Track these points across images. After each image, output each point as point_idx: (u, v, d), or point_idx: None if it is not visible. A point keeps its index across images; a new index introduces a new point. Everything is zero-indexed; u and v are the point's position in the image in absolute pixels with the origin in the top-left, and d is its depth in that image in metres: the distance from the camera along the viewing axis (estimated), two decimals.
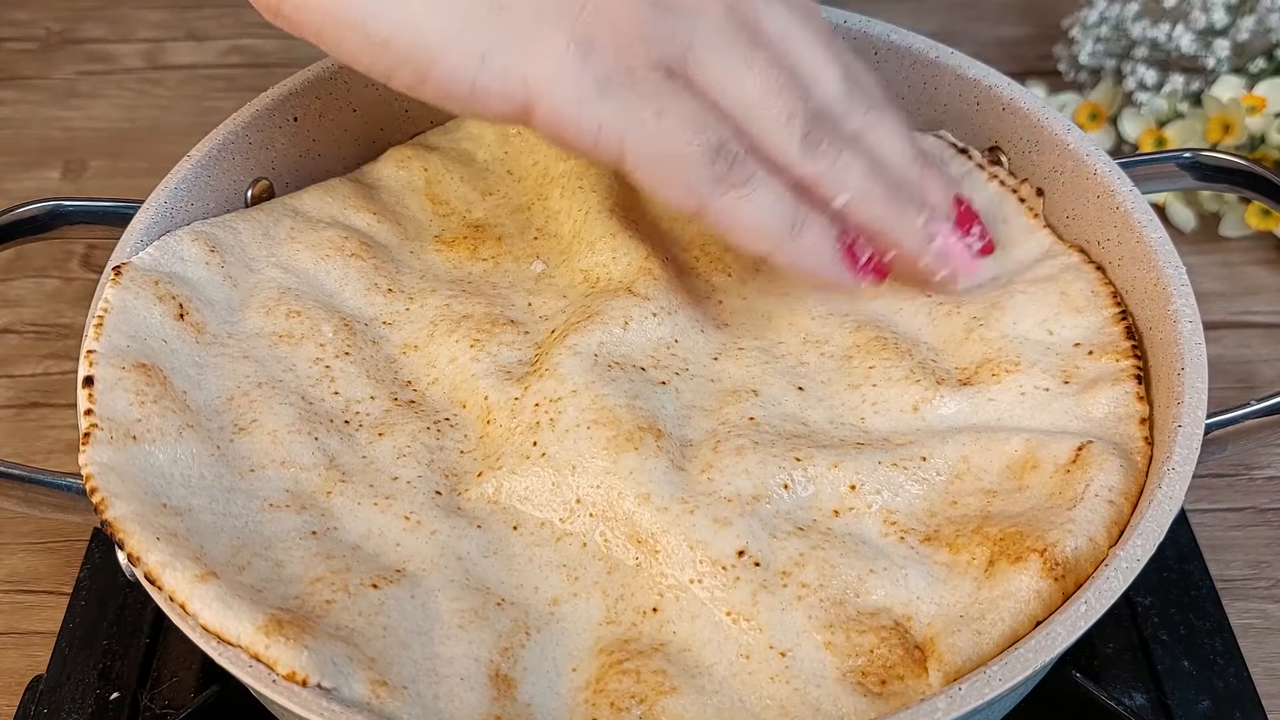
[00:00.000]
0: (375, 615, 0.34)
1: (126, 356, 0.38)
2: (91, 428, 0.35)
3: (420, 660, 0.34)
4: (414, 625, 0.35)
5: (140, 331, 0.39)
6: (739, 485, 0.38)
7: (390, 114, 0.49)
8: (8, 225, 0.43)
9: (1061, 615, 0.32)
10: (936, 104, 0.48)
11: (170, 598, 0.32)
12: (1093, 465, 0.37)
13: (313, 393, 0.41)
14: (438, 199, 0.48)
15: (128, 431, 0.36)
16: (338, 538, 0.37)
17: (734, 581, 0.36)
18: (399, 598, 0.35)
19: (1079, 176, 0.44)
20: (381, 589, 0.35)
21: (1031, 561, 0.35)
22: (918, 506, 0.38)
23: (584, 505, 0.38)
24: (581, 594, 0.37)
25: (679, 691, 0.34)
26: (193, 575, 0.33)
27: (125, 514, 0.34)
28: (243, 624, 0.32)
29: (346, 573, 0.35)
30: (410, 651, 0.34)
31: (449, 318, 0.43)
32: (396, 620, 0.34)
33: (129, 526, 0.33)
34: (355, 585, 0.35)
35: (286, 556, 0.36)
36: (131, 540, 0.33)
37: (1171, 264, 0.40)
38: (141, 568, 0.33)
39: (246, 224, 0.45)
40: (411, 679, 0.33)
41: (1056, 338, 0.42)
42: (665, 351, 0.42)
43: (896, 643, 0.35)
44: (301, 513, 0.37)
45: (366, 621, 0.34)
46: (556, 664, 0.35)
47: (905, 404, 0.41)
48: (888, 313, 0.44)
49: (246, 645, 0.32)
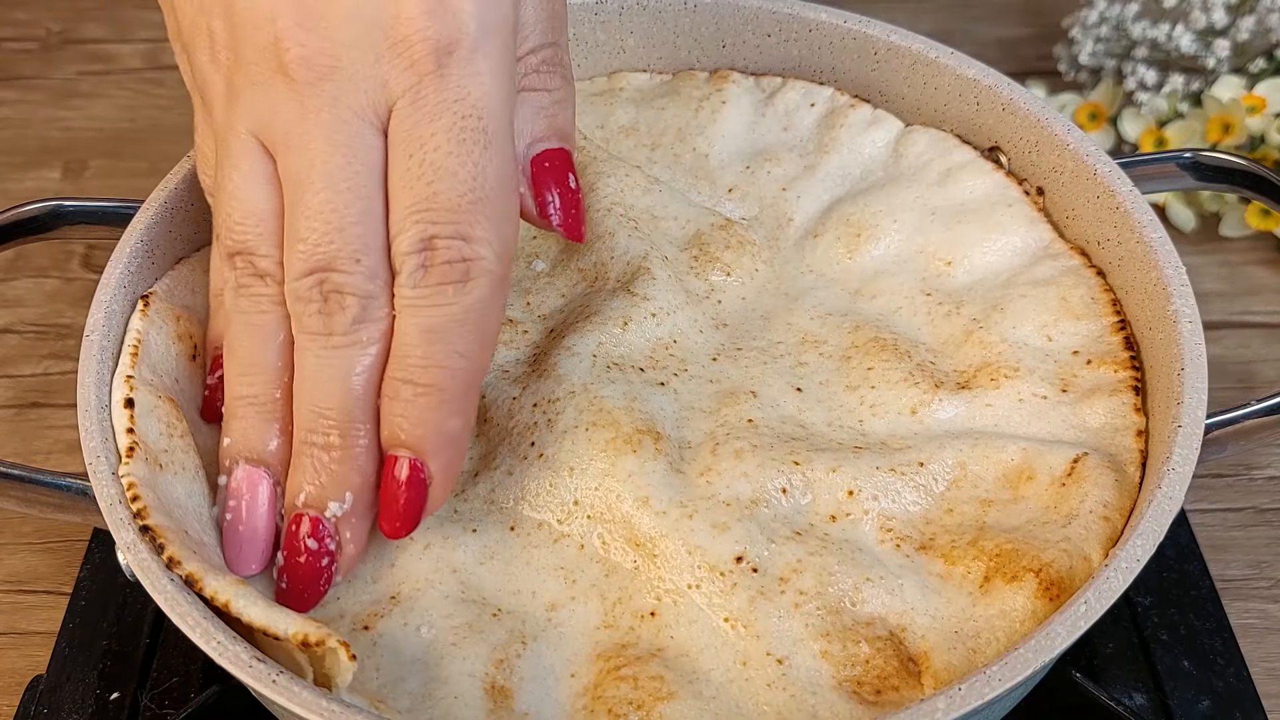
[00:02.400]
0: (368, 659, 0.35)
1: (156, 388, 0.38)
2: (134, 445, 0.36)
3: (416, 689, 0.34)
4: (408, 656, 0.35)
5: (159, 367, 0.39)
6: (738, 489, 0.38)
7: None
8: (8, 225, 0.43)
9: (1061, 615, 0.32)
10: (936, 104, 0.48)
11: (212, 598, 0.33)
12: (1088, 480, 0.37)
13: None
14: None
15: (156, 459, 0.36)
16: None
17: (732, 587, 0.36)
18: (391, 630, 0.35)
19: (1079, 176, 0.44)
20: (374, 628, 0.35)
21: (1027, 581, 0.35)
22: (914, 513, 0.38)
23: (582, 507, 0.38)
24: (579, 598, 0.37)
25: (676, 697, 0.34)
26: (233, 579, 0.33)
27: (164, 524, 0.34)
28: (288, 617, 0.32)
29: (340, 620, 0.36)
30: (406, 684, 0.34)
31: None
32: (390, 659, 0.35)
33: (169, 535, 0.34)
34: (348, 632, 0.35)
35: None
36: (172, 547, 0.34)
37: (1171, 264, 0.40)
38: (181, 570, 0.33)
39: None
40: (408, 708, 0.34)
41: (1055, 344, 0.42)
42: (664, 352, 0.42)
43: (892, 653, 0.35)
44: None
45: (360, 666, 0.34)
46: (554, 671, 0.35)
47: (903, 406, 0.41)
48: (886, 312, 0.44)
49: (295, 633, 0.32)
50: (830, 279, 0.45)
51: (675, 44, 0.51)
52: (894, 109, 0.49)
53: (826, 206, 0.47)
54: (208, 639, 0.32)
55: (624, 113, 0.50)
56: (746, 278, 0.45)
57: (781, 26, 0.50)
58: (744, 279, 0.45)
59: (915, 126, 0.48)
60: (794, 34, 0.49)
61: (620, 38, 0.51)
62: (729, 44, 0.51)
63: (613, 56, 0.51)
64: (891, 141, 0.48)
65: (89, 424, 0.36)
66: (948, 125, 0.48)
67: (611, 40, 0.51)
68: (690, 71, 0.51)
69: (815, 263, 0.46)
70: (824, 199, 0.47)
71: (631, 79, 0.51)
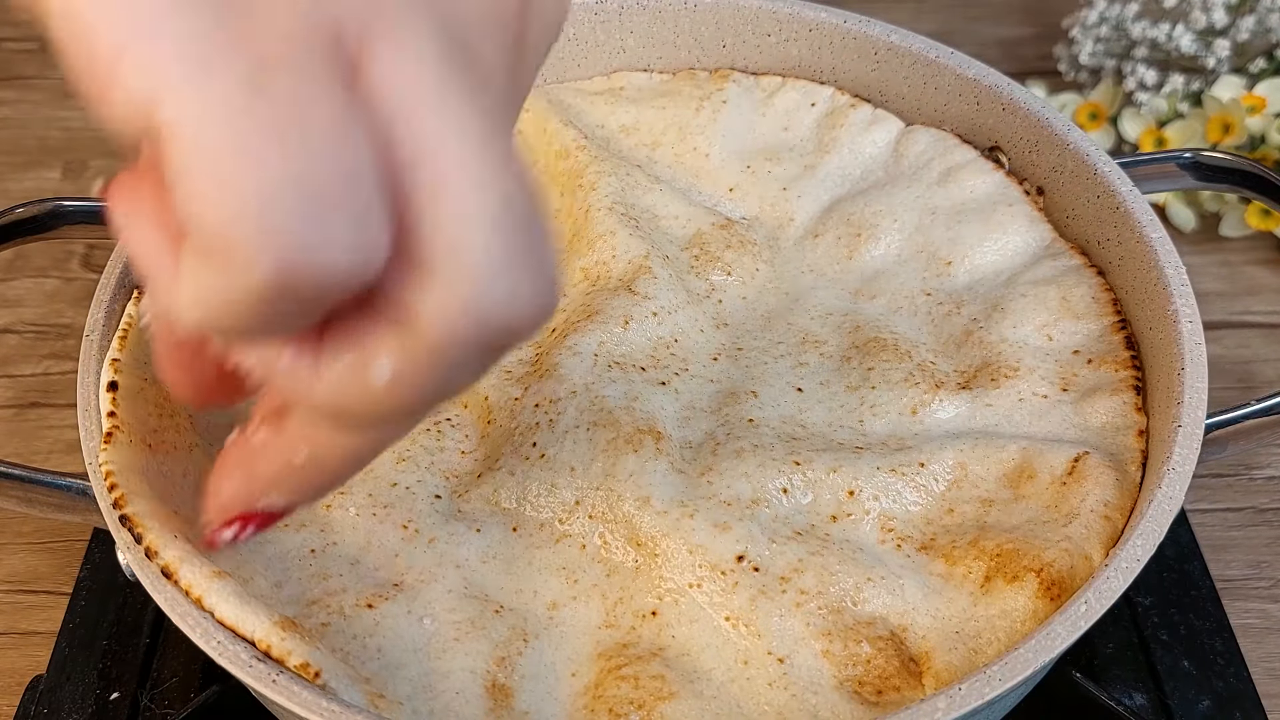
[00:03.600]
0: (370, 638, 0.35)
1: (146, 370, 0.38)
2: (114, 429, 0.36)
3: (416, 678, 0.34)
4: (409, 643, 0.35)
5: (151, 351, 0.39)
6: (738, 489, 0.38)
7: None
8: (8, 225, 0.43)
9: (1061, 615, 0.32)
10: (936, 104, 0.48)
11: (187, 592, 0.32)
12: (1089, 479, 0.37)
13: None
14: None
15: (145, 440, 0.36)
16: (336, 553, 0.37)
17: (733, 586, 0.36)
18: (394, 614, 0.35)
19: (1079, 176, 0.44)
20: (377, 608, 0.35)
21: (1028, 581, 0.35)
22: (915, 514, 0.38)
23: (583, 507, 0.38)
24: (580, 597, 0.37)
25: (678, 697, 0.34)
26: (210, 571, 0.33)
27: (143, 510, 0.34)
28: (259, 618, 0.32)
29: (342, 594, 0.35)
30: (406, 670, 0.34)
31: None
32: (391, 641, 0.35)
33: (148, 522, 0.34)
34: (350, 607, 0.35)
35: (284, 577, 0.36)
36: (150, 535, 0.33)
37: (1171, 264, 0.40)
38: (158, 561, 0.33)
39: None
40: (408, 696, 0.34)
41: (1056, 344, 0.42)
42: (665, 351, 0.42)
43: (893, 653, 0.35)
44: (300, 530, 0.37)
45: (360, 645, 0.34)
46: (555, 669, 0.35)
47: (904, 407, 0.41)
48: (886, 312, 0.44)
49: (261, 639, 0.32)
50: (831, 279, 0.45)
51: (675, 43, 0.51)
52: (894, 109, 0.49)
53: (827, 206, 0.47)
54: (208, 639, 0.32)
55: (624, 112, 0.50)
56: (747, 277, 0.45)
57: (781, 26, 0.50)
58: (745, 278, 0.45)
59: (916, 126, 0.48)
60: (794, 34, 0.50)
61: (620, 37, 0.51)
62: (729, 44, 0.51)
63: (613, 56, 0.51)
64: (892, 141, 0.48)
65: (89, 424, 0.36)
66: (948, 125, 0.48)
67: (611, 40, 0.51)
68: (690, 71, 0.51)
69: (816, 262, 0.46)
70: (824, 199, 0.47)
71: (632, 78, 0.51)
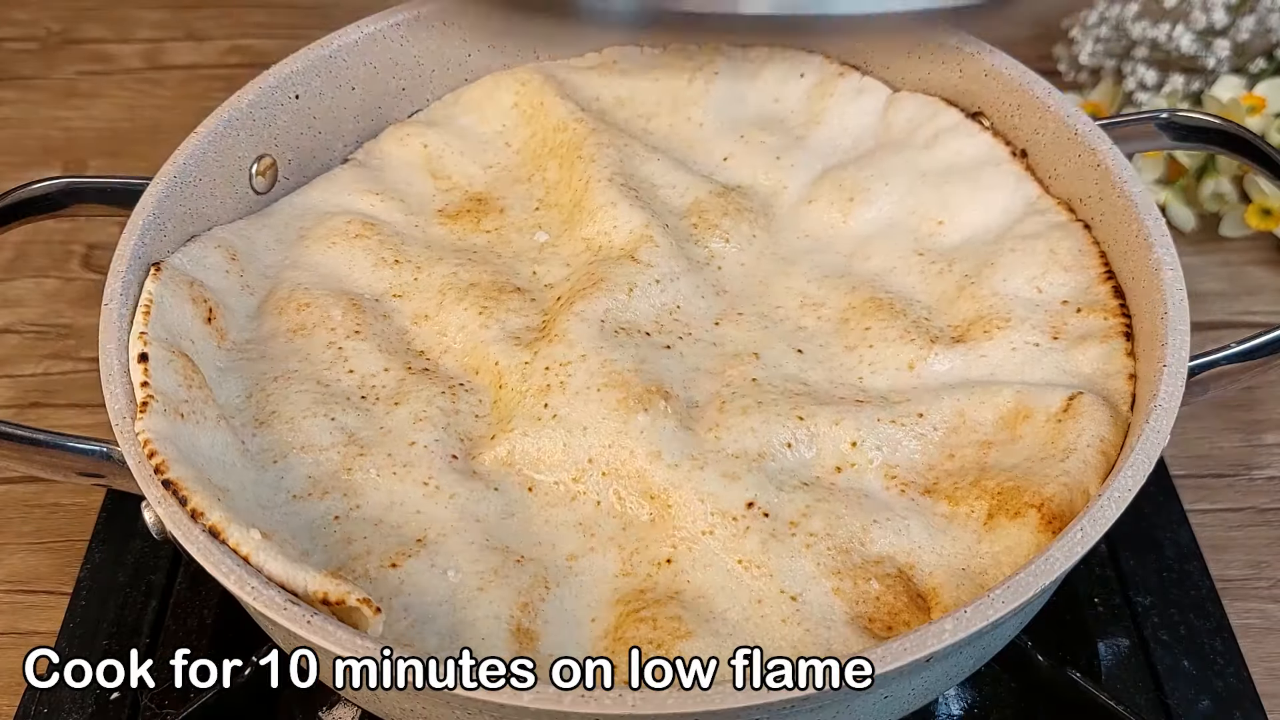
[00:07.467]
0: (395, 598, 0.35)
1: (170, 345, 0.39)
2: (149, 399, 0.37)
3: (444, 630, 0.35)
4: (436, 596, 0.36)
5: (174, 328, 0.40)
6: (745, 443, 0.39)
7: (387, 91, 0.50)
8: (21, 202, 0.43)
9: (1059, 542, 0.34)
10: (920, 73, 0.49)
11: (235, 549, 0.34)
12: (1084, 415, 0.38)
13: (328, 375, 0.42)
14: (439, 173, 0.49)
15: (177, 409, 0.37)
16: (360, 515, 0.38)
17: (744, 531, 0.37)
18: (419, 570, 0.36)
19: (1060, 137, 0.45)
20: (401, 566, 0.36)
21: (1029, 516, 0.36)
22: (917, 460, 0.39)
23: (595, 465, 0.39)
24: (598, 549, 0.38)
25: (695, 635, 0.35)
26: (257, 533, 0.34)
27: (185, 475, 0.35)
28: (309, 572, 0.33)
29: (367, 556, 0.36)
30: (434, 624, 0.35)
31: (457, 285, 0.44)
32: (417, 598, 0.36)
33: (191, 486, 0.35)
34: (376, 569, 0.36)
35: (311, 545, 0.37)
36: (195, 498, 0.34)
37: (1151, 216, 0.42)
38: (204, 522, 0.34)
39: (260, 232, 0.46)
40: (436, 649, 0.35)
41: (1045, 295, 0.43)
42: (668, 317, 0.43)
43: (901, 590, 0.36)
44: (324, 498, 0.38)
45: (387, 607, 0.35)
46: (576, 616, 0.36)
47: (901, 362, 0.42)
48: (881, 273, 0.45)
49: (316, 590, 0.33)
50: (825, 243, 0.47)
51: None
52: (880, 79, 0.50)
53: (819, 173, 0.48)
54: (242, 584, 0.33)
55: (619, 84, 0.51)
56: (745, 243, 0.46)
57: None
58: (742, 244, 0.46)
59: (903, 92, 0.50)
60: None
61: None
62: None
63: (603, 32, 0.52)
64: (880, 108, 0.49)
65: (113, 386, 0.37)
66: (932, 92, 0.49)
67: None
68: (680, 45, 0.52)
69: (810, 227, 0.47)
70: (816, 166, 0.48)
71: (624, 52, 0.52)
